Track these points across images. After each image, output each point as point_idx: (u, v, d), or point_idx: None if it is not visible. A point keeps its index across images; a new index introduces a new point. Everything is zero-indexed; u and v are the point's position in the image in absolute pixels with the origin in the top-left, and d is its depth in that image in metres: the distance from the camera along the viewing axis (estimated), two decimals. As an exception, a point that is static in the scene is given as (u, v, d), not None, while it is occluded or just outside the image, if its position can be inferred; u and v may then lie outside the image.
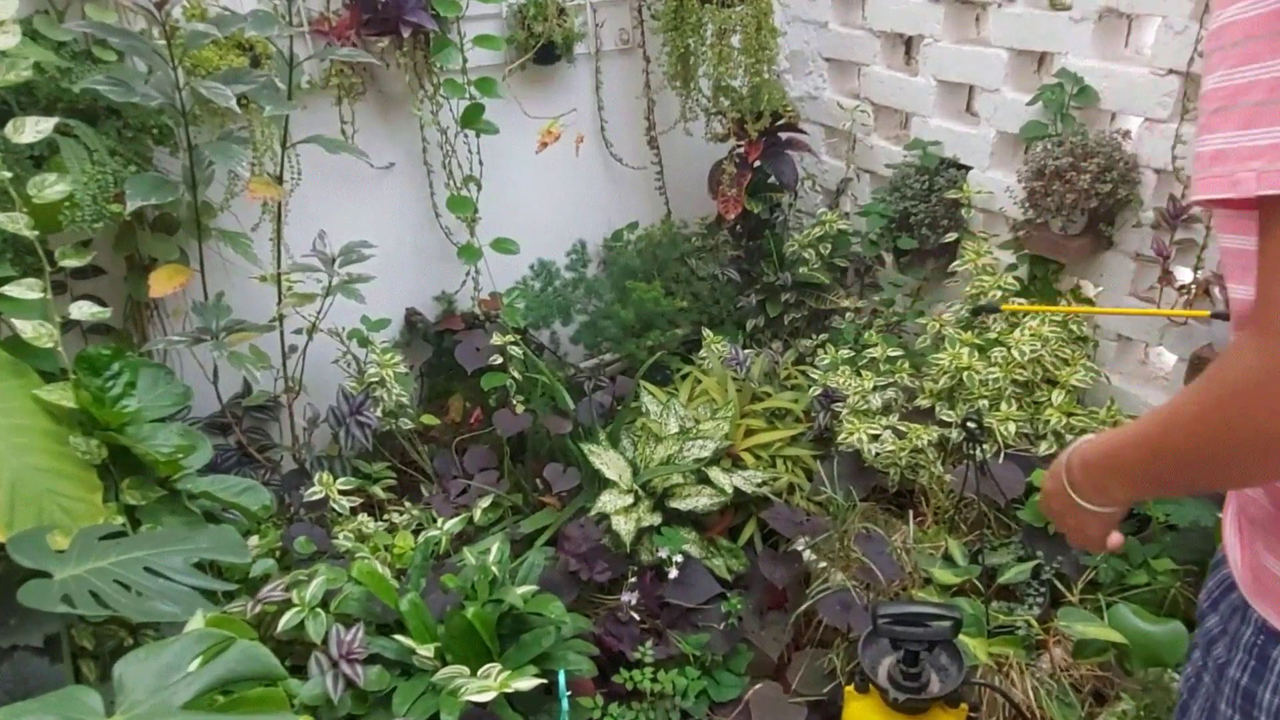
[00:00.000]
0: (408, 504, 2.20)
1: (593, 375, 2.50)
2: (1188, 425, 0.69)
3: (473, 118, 2.24)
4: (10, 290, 1.47)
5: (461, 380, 2.46)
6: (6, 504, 1.39)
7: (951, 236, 2.31)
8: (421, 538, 1.94)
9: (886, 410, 2.15)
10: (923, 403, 2.13)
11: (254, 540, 1.85)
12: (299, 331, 2.11)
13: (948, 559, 1.89)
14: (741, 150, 2.54)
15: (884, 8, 2.42)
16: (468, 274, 2.45)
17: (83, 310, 1.55)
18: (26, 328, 1.48)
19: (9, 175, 1.45)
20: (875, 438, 2.05)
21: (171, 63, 1.56)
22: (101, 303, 1.60)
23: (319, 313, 2.05)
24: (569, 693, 1.67)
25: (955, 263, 2.26)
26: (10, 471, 1.42)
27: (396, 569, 1.93)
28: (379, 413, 2.15)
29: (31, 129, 1.47)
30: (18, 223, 1.45)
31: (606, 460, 2.10)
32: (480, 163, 2.37)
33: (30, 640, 1.45)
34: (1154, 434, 0.74)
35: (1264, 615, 0.78)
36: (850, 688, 1.57)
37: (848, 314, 2.54)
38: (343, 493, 2.01)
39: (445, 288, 2.54)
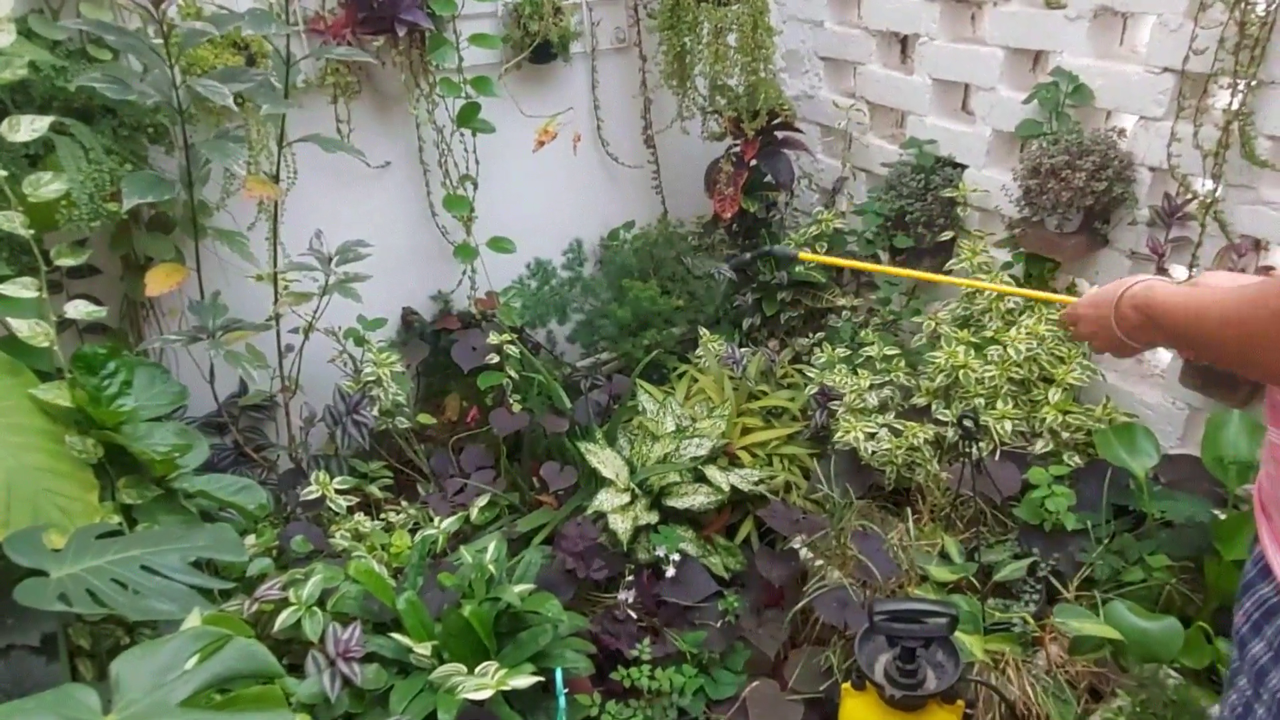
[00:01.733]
0: (404, 503, 2.19)
1: (589, 374, 2.50)
2: (1229, 313, 0.81)
3: (469, 116, 2.24)
4: (6, 289, 1.46)
5: (458, 379, 2.46)
6: (2, 503, 1.39)
7: (947, 235, 2.32)
8: (418, 536, 1.94)
9: (883, 409, 2.15)
10: (919, 401, 2.13)
11: (251, 539, 1.85)
12: (295, 331, 2.11)
13: (944, 556, 1.89)
14: (738, 149, 2.54)
15: (880, 6, 2.42)
16: (464, 273, 2.45)
17: (79, 309, 1.55)
18: (22, 326, 1.48)
19: (4, 174, 1.45)
20: (872, 436, 2.05)
21: (168, 61, 1.56)
22: (97, 302, 1.60)
23: (315, 312, 2.05)
24: (566, 690, 1.67)
25: (951, 261, 2.27)
26: (6, 471, 1.42)
27: (393, 568, 1.93)
28: (375, 412, 2.15)
29: (27, 127, 1.47)
30: (13, 221, 1.45)
31: (603, 459, 2.10)
32: (476, 161, 2.37)
33: (27, 639, 1.45)
34: (1203, 309, 0.86)
35: None
36: (847, 685, 1.57)
37: (844, 313, 2.54)
38: (339, 492, 2.01)
39: (442, 287, 2.54)
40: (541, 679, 1.61)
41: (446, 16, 2.14)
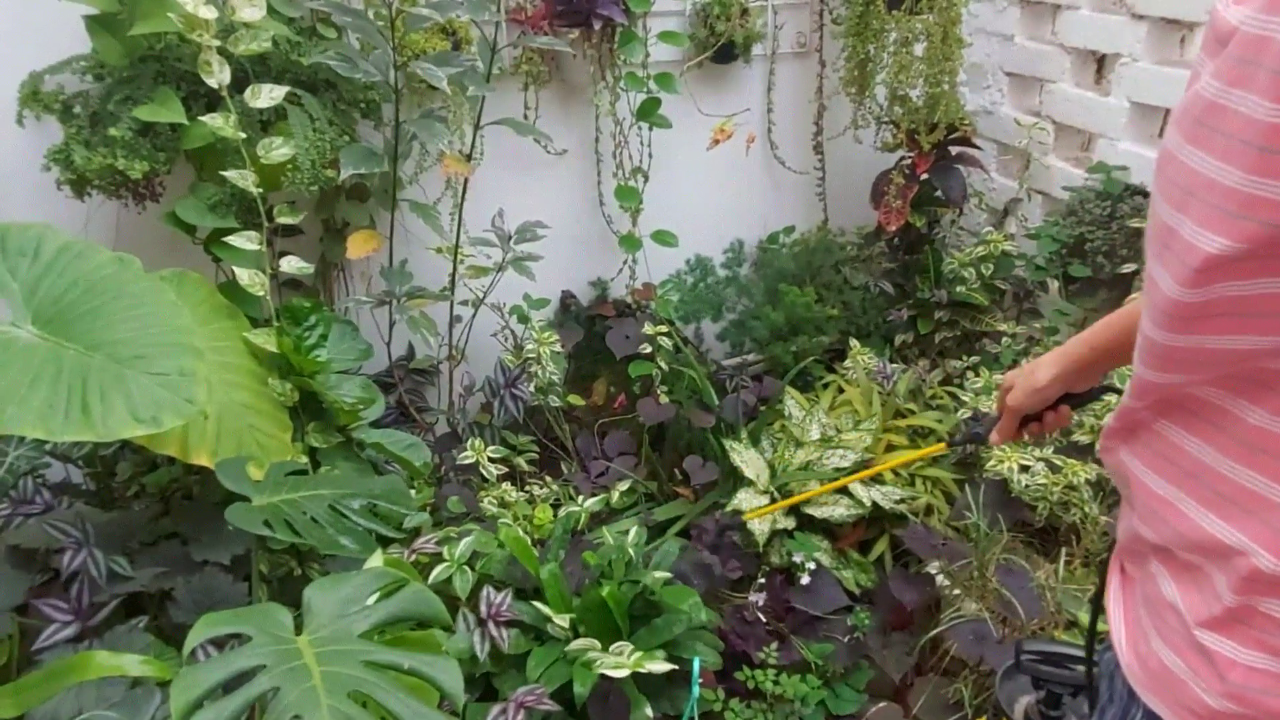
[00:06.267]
0: (547, 478, 2.28)
1: (735, 374, 2.52)
2: None
3: (649, 111, 2.30)
4: (235, 240, 1.62)
5: (607, 365, 2.53)
6: (213, 434, 1.54)
7: (1129, 267, 2.20)
8: (563, 511, 2.01)
9: (1039, 442, 2.07)
10: (1081, 439, 2.04)
11: (412, 494, 1.97)
12: (465, 303, 2.22)
13: (1096, 603, 1.81)
14: (910, 162, 2.50)
15: (1078, 23, 2.32)
16: (625, 263, 2.52)
17: (290, 264, 1.69)
18: (244, 275, 1.63)
19: (243, 136, 1.60)
20: (1026, 469, 1.98)
21: (391, 43, 1.68)
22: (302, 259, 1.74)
23: (488, 286, 2.15)
24: (700, 681, 1.70)
25: (1131, 296, 2.15)
26: (218, 405, 1.57)
27: (534, 539, 2.01)
28: (532, 388, 2.24)
29: (266, 95, 1.61)
30: (246, 180, 1.60)
31: (746, 458, 2.12)
32: (650, 155, 2.42)
33: (218, 558, 1.60)
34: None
35: None
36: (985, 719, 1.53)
37: (1004, 339, 2.45)
38: (491, 460, 2.11)
39: (601, 274, 2.61)
40: (673, 667, 1.65)
41: (639, 13, 2.20)
